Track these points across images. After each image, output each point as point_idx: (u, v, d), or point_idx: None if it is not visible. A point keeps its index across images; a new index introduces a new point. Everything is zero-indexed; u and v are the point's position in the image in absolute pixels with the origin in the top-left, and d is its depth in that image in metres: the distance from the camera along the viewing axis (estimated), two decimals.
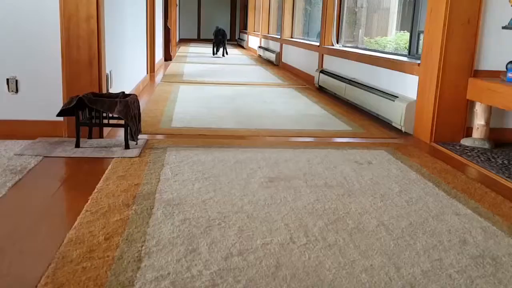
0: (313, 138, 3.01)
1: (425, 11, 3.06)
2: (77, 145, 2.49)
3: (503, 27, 2.77)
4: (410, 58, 3.65)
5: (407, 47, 3.86)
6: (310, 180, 2.12)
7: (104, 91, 2.78)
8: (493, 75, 2.84)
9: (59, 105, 2.63)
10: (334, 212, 1.76)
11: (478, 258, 1.44)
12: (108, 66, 2.97)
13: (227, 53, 10.18)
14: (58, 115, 2.52)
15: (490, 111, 2.83)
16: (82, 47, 2.64)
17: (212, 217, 1.66)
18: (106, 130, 2.82)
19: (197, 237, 1.50)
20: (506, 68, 2.74)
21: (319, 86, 5.30)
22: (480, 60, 2.88)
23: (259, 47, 10.61)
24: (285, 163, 2.36)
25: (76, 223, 1.56)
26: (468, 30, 2.81)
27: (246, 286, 1.23)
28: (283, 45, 8.09)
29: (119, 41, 3.59)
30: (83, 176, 2.10)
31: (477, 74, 2.87)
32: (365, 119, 3.64)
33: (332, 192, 1.97)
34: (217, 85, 5.37)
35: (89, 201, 1.75)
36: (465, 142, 2.90)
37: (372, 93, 3.71)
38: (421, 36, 3.27)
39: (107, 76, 2.92)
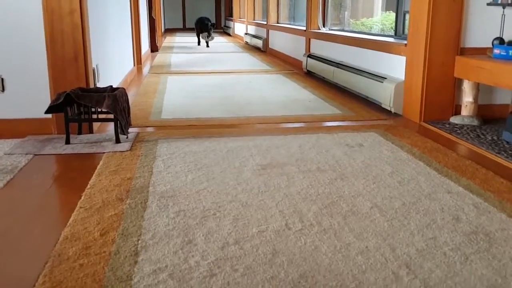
0: (303, 123, 3.02)
1: None
2: (67, 142, 2.47)
3: (488, 4, 2.78)
4: (397, 38, 3.65)
5: (393, 28, 3.86)
6: (302, 166, 2.12)
7: (92, 86, 2.76)
8: (480, 52, 2.86)
9: (46, 102, 2.60)
10: (328, 196, 1.77)
11: (472, 234, 1.46)
12: (94, 60, 2.94)
13: (207, 43, 9.51)
14: (46, 112, 2.49)
15: (478, 88, 2.85)
16: (67, 42, 2.61)
17: (206, 208, 1.66)
18: (95, 125, 2.80)
19: (192, 228, 1.50)
20: (492, 44, 2.75)
21: (308, 70, 5.29)
22: (466, 38, 2.89)
23: (246, 33, 10.55)
24: (277, 150, 2.36)
25: (70, 220, 1.55)
26: (454, 7, 2.81)
27: (244, 274, 1.24)
28: (270, 31, 8.05)
29: (104, 34, 3.55)
30: (74, 172, 2.09)
31: (464, 51, 2.88)
32: (354, 102, 3.65)
33: (325, 177, 1.98)
34: (205, 74, 5.34)
35: (82, 198, 1.74)
36: (454, 120, 2.92)
37: (361, 75, 3.71)
38: (407, 16, 3.26)
39: (93, 70, 2.89)
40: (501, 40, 2.74)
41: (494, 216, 1.59)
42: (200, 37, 9.54)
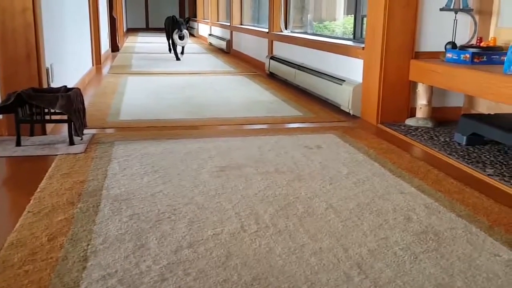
0: (264, 124, 3.02)
1: None
2: (18, 144, 2.38)
3: (441, 9, 2.86)
4: (355, 42, 3.71)
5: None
6: (261, 167, 2.12)
7: (45, 86, 2.68)
8: (433, 56, 2.94)
9: None
10: (285, 197, 1.78)
11: (422, 234, 1.50)
12: (48, 59, 2.85)
13: (176, 53, 6.96)
14: None
15: (432, 91, 2.93)
16: (19, 41, 2.53)
17: (161, 211, 1.64)
18: (49, 126, 2.72)
19: (146, 232, 1.47)
20: (445, 48, 2.84)
21: (270, 72, 5.31)
22: (421, 42, 2.96)
23: (210, 35, 10.51)
24: (236, 151, 2.36)
25: (17, 225, 1.49)
26: (408, 13, 2.88)
27: (196, 278, 1.22)
28: (233, 32, 8.04)
29: (59, 33, 3.45)
30: (24, 175, 2.02)
31: (418, 55, 2.96)
32: (315, 104, 3.68)
33: (283, 178, 1.99)
34: (167, 75, 5.28)
35: (31, 202, 1.68)
36: (409, 122, 2.99)
37: (321, 77, 3.76)
38: (365, 20, 3.32)
39: (47, 70, 2.81)
40: (453, 45, 2.83)
41: (443, 216, 1.63)
42: (172, 41, 6.90)
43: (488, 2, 2.90)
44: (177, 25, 6.74)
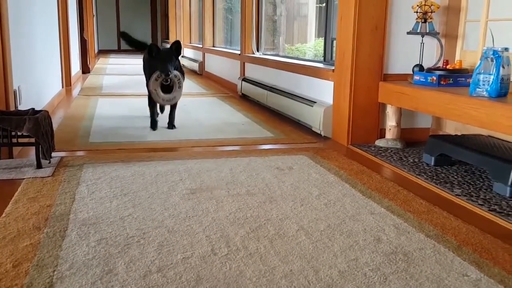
0: (236, 146, 3.02)
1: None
2: None
3: (408, 32, 2.95)
4: (326, 64, 3.78)
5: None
6: (232, 189, 2.12)
7: (13, 109, 2.62)
8: (401, 78, 3.02)
9: None
10: (256, 219, 1.77)
11: (391, 255, 1.51)
12: (16, 81, 2.80)
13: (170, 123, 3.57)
14: None
15: (400, 112, 3.00)
16: None
17: (130, 235, 1.61)
18: (16, 149, 2.65)
19: (114, 257, 1.44)
20: (413, 71, 2.92)
21: (242, 94, 5.34)
22: (389, 64, 3.04)
23: (182, 56, 10.53)
24: (207, 173, 2.35)
25: None
26: (376, 36, 2.96)
27: None
28: (206, 54, 8.08)
29: (28, 54, 3.40)
30: None
31: (387, 77, 3.03)
32: (286, 125, 3.71)
33: (254, 200, 1.99)
34: (138, 97, 5.24)
35: None
36: (379, 143, 3.04)
37: (292, 99, 3.80)
38: (335, 43, 3.40)
39: (15, 92, 2.75)
40: (420, 67, 2.91)
41: (413, 236, 1.66)
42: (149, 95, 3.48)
43: (454, 26, 3.01)
44: (157, 60, 3.28)
